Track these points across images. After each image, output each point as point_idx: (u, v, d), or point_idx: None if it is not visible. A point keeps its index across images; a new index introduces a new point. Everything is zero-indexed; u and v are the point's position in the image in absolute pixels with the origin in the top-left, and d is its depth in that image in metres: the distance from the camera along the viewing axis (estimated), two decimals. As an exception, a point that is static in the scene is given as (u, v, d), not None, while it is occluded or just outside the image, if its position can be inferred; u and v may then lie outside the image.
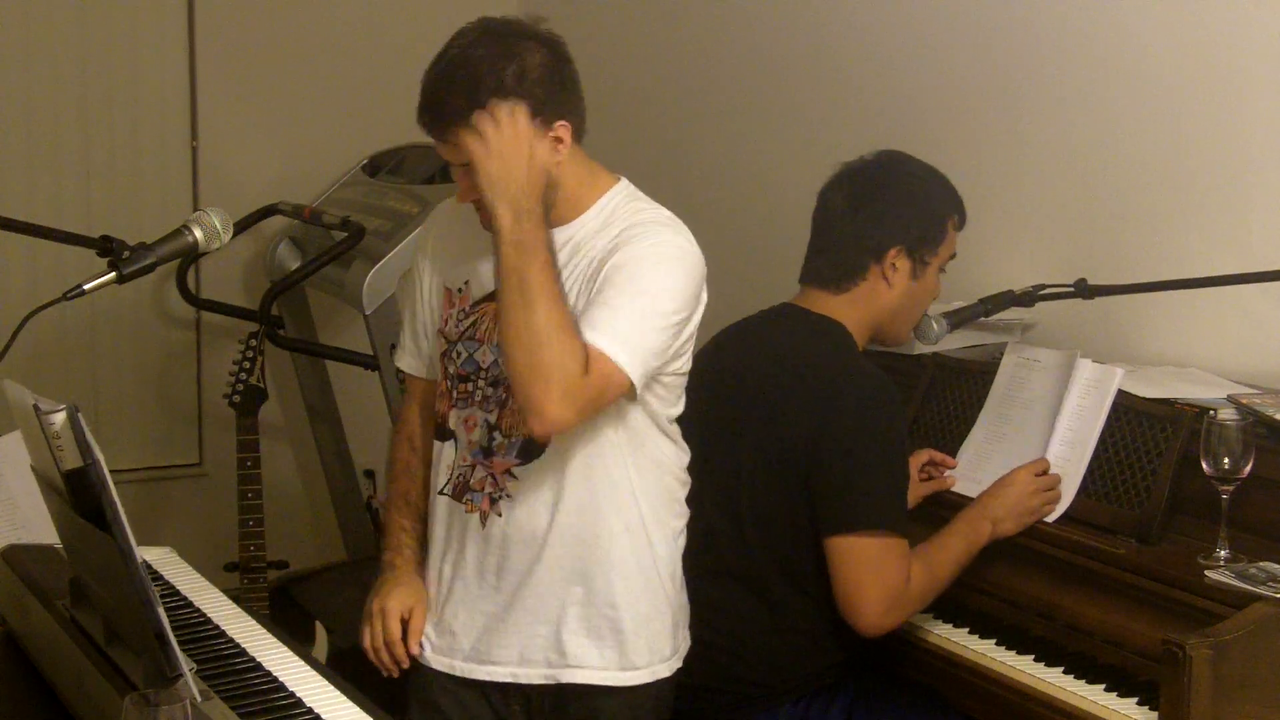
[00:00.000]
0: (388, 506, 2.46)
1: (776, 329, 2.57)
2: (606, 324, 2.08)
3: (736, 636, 2.47)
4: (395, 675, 2.34)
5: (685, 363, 2.25)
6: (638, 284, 2.12)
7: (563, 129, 2.14)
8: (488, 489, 2.26)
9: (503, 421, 2.24)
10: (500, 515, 2.25)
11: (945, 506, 2.64)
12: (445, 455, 2.32)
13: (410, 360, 2.42)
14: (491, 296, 2.21)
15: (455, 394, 2.29)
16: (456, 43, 2.15)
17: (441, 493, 2.33)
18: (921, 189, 2.55)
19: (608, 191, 2.25)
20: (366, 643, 2.34)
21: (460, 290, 2.30)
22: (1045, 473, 2.53)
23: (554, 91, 2.13)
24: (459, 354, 2.28)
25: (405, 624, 2.33)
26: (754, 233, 3.78)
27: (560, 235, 2.19)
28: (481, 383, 2.26)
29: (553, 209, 2.17)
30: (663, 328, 2.13)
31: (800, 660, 2.48)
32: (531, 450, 2.22)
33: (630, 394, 2.14)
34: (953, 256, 2.60)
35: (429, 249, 2.38)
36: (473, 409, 2.27)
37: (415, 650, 2.33)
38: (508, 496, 2.24)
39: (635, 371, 2.09)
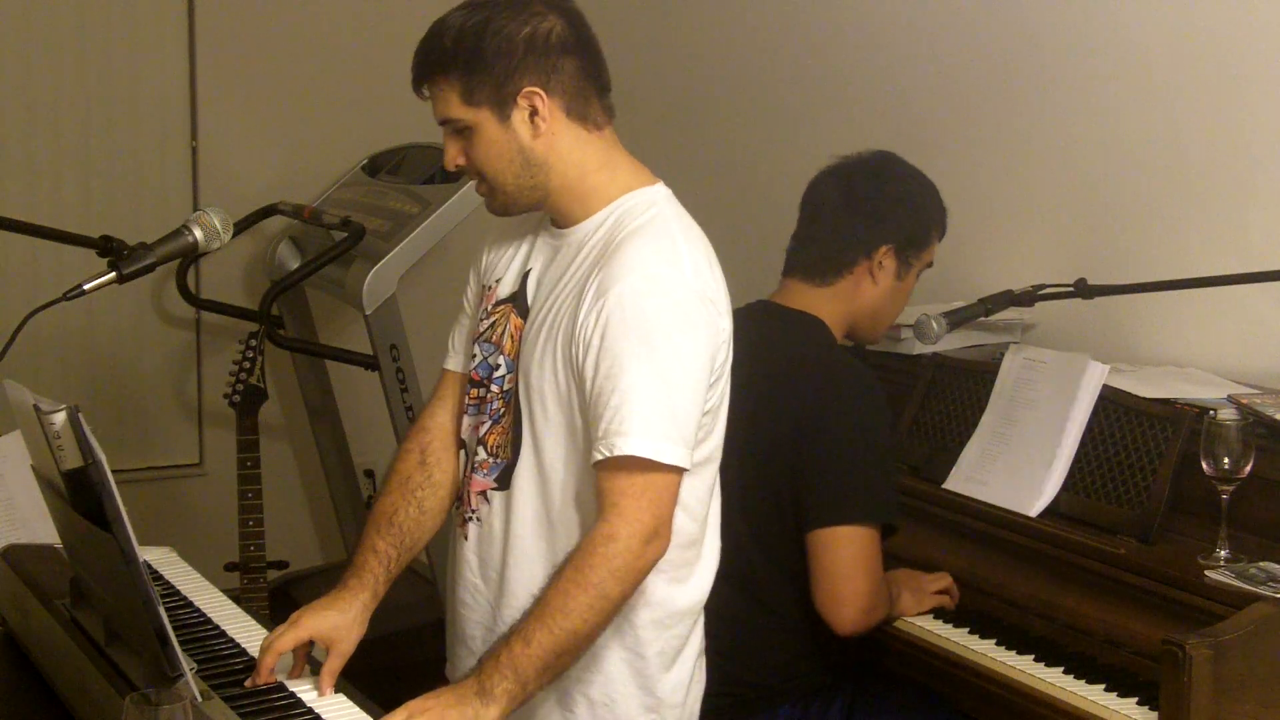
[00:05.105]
0: (369, 520, 2.14)
1: (756, 326, 2.56)
2: (631, 416, 1.84)
3: (733, 638, 2.46)
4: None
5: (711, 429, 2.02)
6: (647, 347, 1.86)
7: (533, 97, 1.91)
8: (469, 504, 2.08)
9: (489, 438, 2.04)
10: (466, 538, 2.08)
11: (945, 506, 2.64)
12: (462, 466, 2.12)
13: (451, 358, 2.17)
14: (510, 299, 2.05)
15: (467, 399, 2.10)
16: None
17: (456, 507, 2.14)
18: (916, 193, 2.59)
19: (628, 193, 1.99)
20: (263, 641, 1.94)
21: (490, 287, 2.10)
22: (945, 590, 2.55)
23: (499, 55, 1.89)
24: (475, 355, 2.08)
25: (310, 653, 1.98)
26: (749, 233, 3.77)
27: (561, 240, 2.01)
28: (495, 389, 2.04)
29: (547, 197, 1.98)
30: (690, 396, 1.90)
31: (798, 661, 2.48)
32: (506, 477, 2.02)
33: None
34: (929, 265, 2.62)
35: (488, 241, 2.15)
36: (481, 417, 2.07)
37: (324, 692, 1.88)
38: (477, 520, 2.06)
39: (683, 457, 1.89)
